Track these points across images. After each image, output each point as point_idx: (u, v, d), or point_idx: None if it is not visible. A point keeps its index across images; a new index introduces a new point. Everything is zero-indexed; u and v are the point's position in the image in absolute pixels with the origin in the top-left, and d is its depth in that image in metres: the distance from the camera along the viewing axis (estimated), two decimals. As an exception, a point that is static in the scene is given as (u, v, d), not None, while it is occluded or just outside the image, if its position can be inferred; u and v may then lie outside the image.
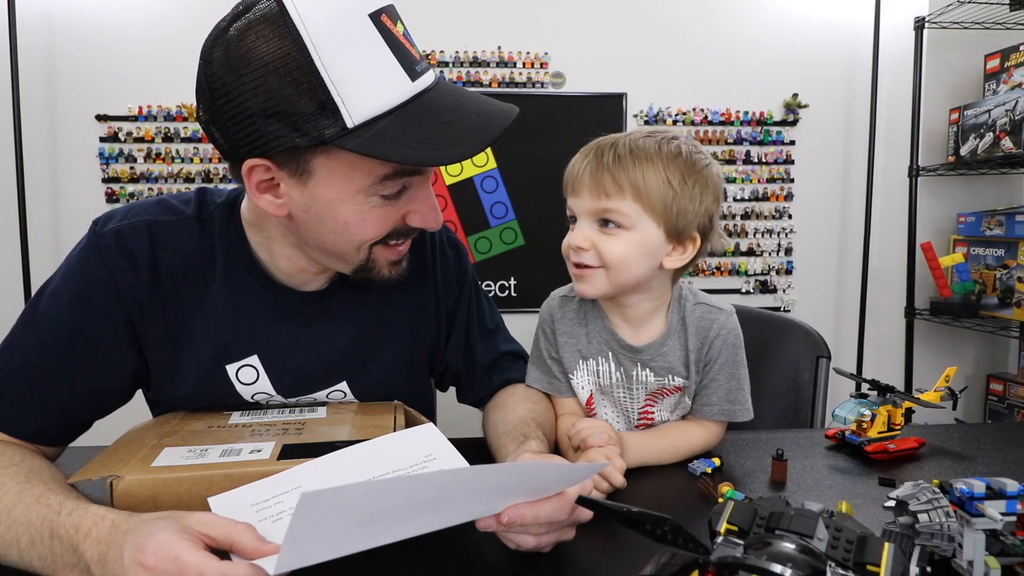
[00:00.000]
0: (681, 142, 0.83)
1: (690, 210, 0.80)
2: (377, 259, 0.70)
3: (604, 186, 0.81)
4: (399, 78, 0.60)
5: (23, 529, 0.53)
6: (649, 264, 0.82)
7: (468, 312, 0.90)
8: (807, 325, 1.35)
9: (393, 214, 0.67)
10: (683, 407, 0.90)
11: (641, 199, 0.79)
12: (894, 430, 0.87)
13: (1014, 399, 2.04)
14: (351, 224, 0.65)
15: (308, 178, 0.62)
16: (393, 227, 0.68)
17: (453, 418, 1.01)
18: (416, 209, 0.68)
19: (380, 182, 0.63)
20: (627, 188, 0.79)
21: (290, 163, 0.62)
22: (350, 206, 0.64)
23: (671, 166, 0.80)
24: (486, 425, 0.87)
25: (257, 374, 0.75)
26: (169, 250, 0.72)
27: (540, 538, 0.55)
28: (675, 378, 0.87)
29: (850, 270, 2.32)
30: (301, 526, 0.41)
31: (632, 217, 0.80)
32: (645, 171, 0.79)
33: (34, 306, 0.70)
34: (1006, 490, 0.51)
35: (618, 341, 0.88)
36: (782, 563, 0.40)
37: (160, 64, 2.00)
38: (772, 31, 2.22)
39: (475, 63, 2.12)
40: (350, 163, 0.61)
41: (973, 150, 1.96)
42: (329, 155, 0.61)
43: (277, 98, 0.57)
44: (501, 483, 0.51)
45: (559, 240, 0.89)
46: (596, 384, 0.90)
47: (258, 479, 0.56)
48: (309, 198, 0.64)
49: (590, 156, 0.85)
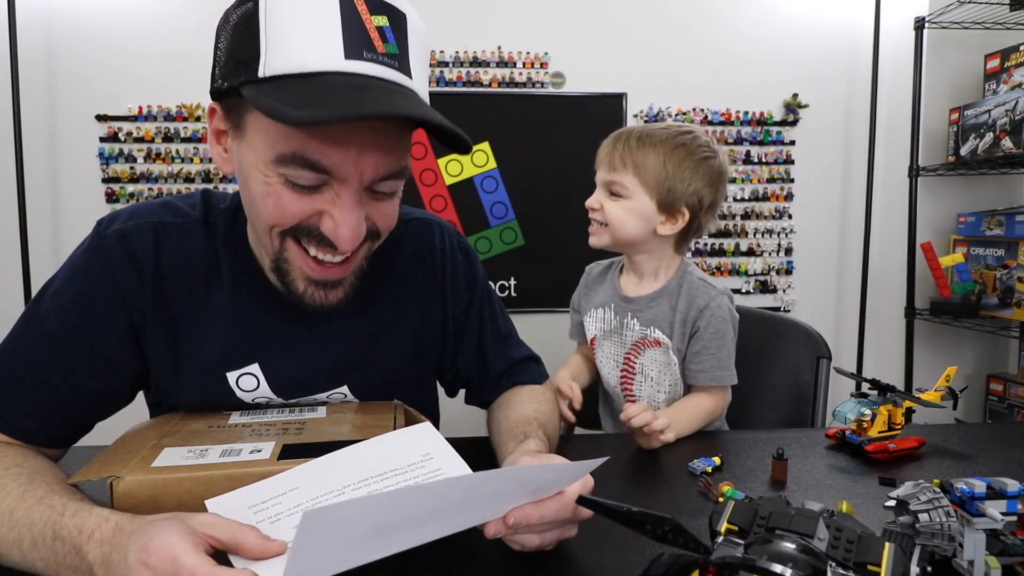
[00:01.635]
0: (692, 137, 1.03)
1: (679, 189, 1.01)
2: (291, 260, 0.66)
3: (614, 163, 1.04)
4: (332, 51, 0.56)
5: (25, 531, 0.53)
6: (643, 228, 1.03)
7: (480, 318, 0.88)
8: (807, 325, 1.35)
9: (302, 206, 0.61)
10: (671, 375, 1.05)
11: (639, 175, 1.02)
12: (894, 430, 0.87)
13: (1014, 399, 2.04)
14: (256, 198, 0.62)
15: (242, 136, 0.62)
16: (303, 219, 0.62)
17: (453, 418, 1.01)
18: (330, 213, 0.62)
19: (280, 162, 0.59)
20: (629, 166, 1.02)
21: (232, 115, 0.62)
22: (259, 176, 0.61)
23: (672, 153, 1.01)
24: (490, 423, 0.87)
25: (257, 382, 0.75)
26: (173, 253, 0.71)
27: (544, 536, 0.55)
28: (656, 331, 1.05)
29: (850, 270, 2.32)
30: (305, 544, 0.41)
31: (630, 188, 1.02)
32: (647, 154, 1.01)
33: (36, 306, 0.69)
34: (1006, 490, 0.51)
35: (619, 294, 1.11)
36: (783, 563, 0.40)
37: (160, 64, 2.00)
38: (772, 31, 2.23)
39: (475, 63, 2.12)
40: (266, 128, 0.59)
41: (973, 150, 1.96)
42: (255, 114, 0.60)
43: (234, 42, 0.59)
44: (500, 488, 0.51)
45: (559, 240, 0.92)
46: (600, 329, 1.13)
47: (259, 479, 0.56)
48: (241, 159, 0.63)
49: (612, 139, 1.06)
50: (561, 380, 1.05)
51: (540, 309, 2.20)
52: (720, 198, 1.06)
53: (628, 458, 0.86)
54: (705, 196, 1.03)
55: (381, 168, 0.62)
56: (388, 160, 0.62)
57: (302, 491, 0.55)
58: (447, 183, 2.16)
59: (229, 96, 0.61)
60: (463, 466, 0.59)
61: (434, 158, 2.15)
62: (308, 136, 0.58)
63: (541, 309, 2.20)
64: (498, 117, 2.13)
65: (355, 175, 0.61)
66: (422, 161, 2.14)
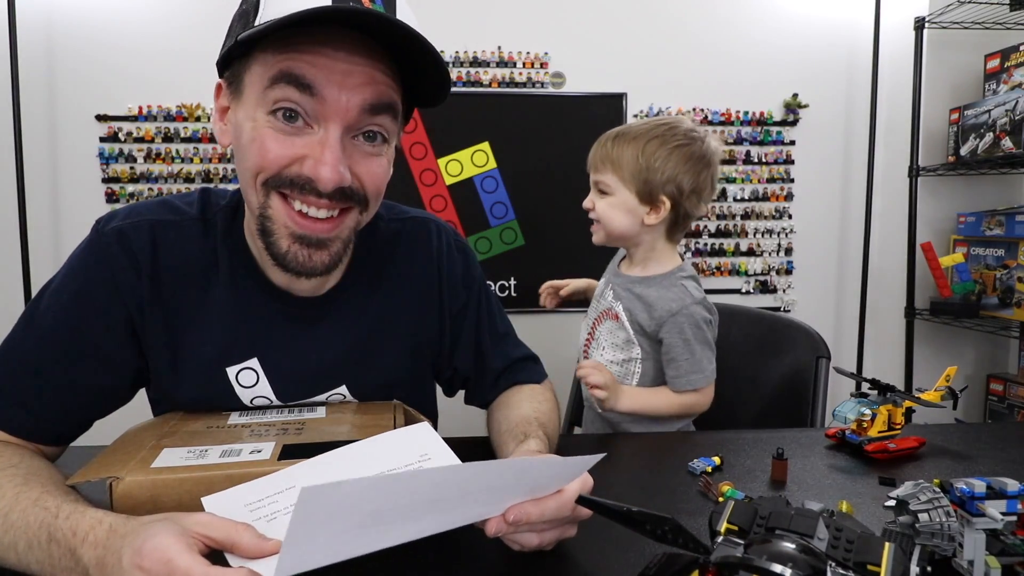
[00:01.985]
0: (668, 127, 1.07)
1: (656, 179, 1.05)
2: (274, 217, 0.65)
3: (596, 163, 1.11)
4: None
5: (20, 533, 0.53)
6: (630, 220, 1.09)
7: (477, 317, 0.88)
8: (807, 325, 1.35)
9: (285, 148, 0.62)
10: (625, 353, 1.11)
11: (618, 171, 1.07)
12: (894, 429, 0.87)
13: (1014, 399, 2.04)
14: (244, 147, 0.63)
15: (240, 96, 0.64)
16: (286, 163, 0.62)
17: (453, 418, 1.01)
18: (311, 153, 0.62)
19: (271, 87, 0.60)
20: (608, 164, 1.08)
21: (233, 82, 0.65)
22: (251, 123, 0.62)
23: (647, 145, 1.06)
24: (489, 423, 0.87)
25: (257, 377, 0.75)
26: (171, 250, 0.71)
27: (543, 536, 0.55)
28: (618, 304, 1.12)
29: (850, 270, 2.32)
30: (301, 524, 0.41)
31: (612, 185, 1.08)
32: (623, 150, 1.07)
33: (36, 304, 0.69)
34: (1006, 490, 0.51)
35: (613, 268, 1.21)
36: (782, 563, 0.40)
37: (160, 64, 2.00)
38: (772, 31, 2.23)
39: (475, 63, 2.12)
40: (259, 73, 0.61)
41: (973, 150, 1.96)
42: (251, 68, 0.62)
43: (235, 18, 0.63)
44: (499, 480, 0.51)
45: (559, 240, 0.92)
46: (593, 301, 1.23)
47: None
48: (237, 119, 0.65)
49: (597, 141, 1.13)
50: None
51: (540, 309, 2.19)
52: (704, 182, 1.08)
53: (628, 458, 0.86)
54: (684, 182, 1.06)
55: (368, 95, 0.62)
56: (375, 89, 0.62)
57: (299, 489, 0.55)
58: (447, 183, 2.16)
59: (230, 64, 0.64)
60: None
61: (434, 158, 2.15)
62: (298, 56, 0.59)
63: (541, 309, 2.19)
64: (498, 117, 2.13)
65: (340, 100, 0.61)
66: (422, 161, 2.14)
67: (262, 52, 0.61)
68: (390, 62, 0.64)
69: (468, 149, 2.15)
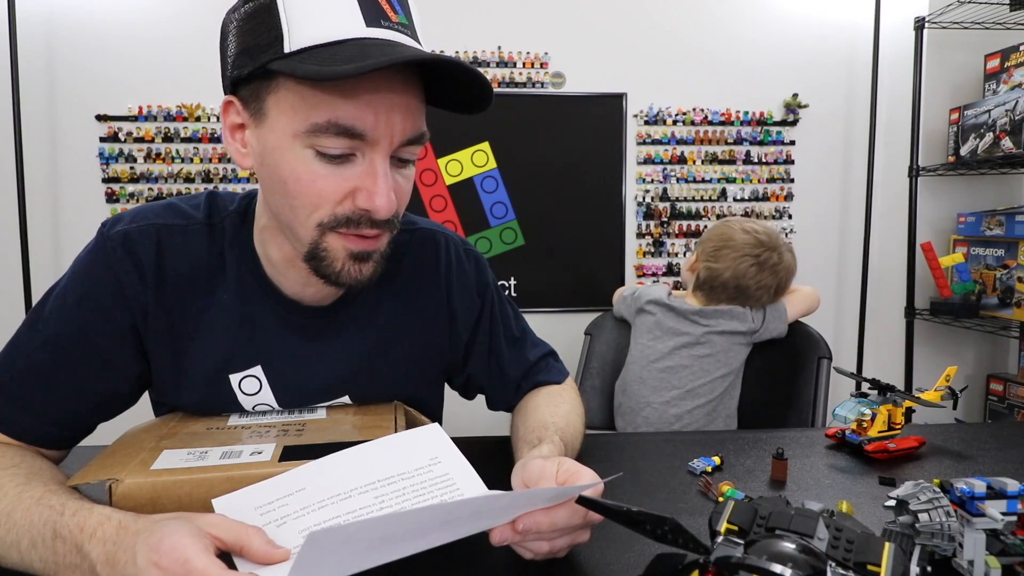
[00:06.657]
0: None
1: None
2: (331, 247, 0.64)
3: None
4: (353, 20, 0.57)
5: (24, 531, 0.53)
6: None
7: (492, 323, 0.87)
8: (807, 325, 1.35)
9: (338, 183, 0.61)
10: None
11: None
12: (894, 429, 0.87)
13: (1014, 399, 2.04)
14: (289, 179, 0.61)
15: (263, 120, 0.62)
16: (340, 200, 0.62)
17: (454, 418, 1.01)
18: (363, 186, 0.61)
19: (314, 132, 0.59)
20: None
21: (252, 102, 0.62)
22: (289, 154, 0.60)
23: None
24: (511, 428, 0.86)
25: (260, 385, 0.75)
26: (176, 255, 0.71)
27: (554, 543, 0.55)
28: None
29: (850, 270, 2.32)
30: (307, 562, 0.42)
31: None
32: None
33: (40, 308, 0.69)
34: (1006, 490, 0.51)
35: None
36: (782, 563, 0.40)
37: (160, 64, 2.00)
38: (772, 31, 2.22)
39: (475, 63, 2.12)
40: (293, 104, 0.59)
41: (973, 150, 1.96)
42: (278, 94, 0.60)
43: (246, 32, 0.60)
44: (510, 505, 0.51)
45: (559, 240, 0.90)
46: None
47: (260, 481, 0.56)
48: (263, 145, 0.62)
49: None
50: None
51: (540, 309, 2.20)
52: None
53: (628, 458, 0.86)
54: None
55: (408, 128, 0.62)
56: (414, 122, 0.63)
57: (308, 492, 0.55)
58: (447, 183, 2.16)
59: (249, 83, 0.61)
60: (470, 470, 0.59)
61: (434, 158, 2.15)
62: (341, 101, 0.58)
63: (541, 309, 2.20)
64: (498, 117, 2.13)
65: (386, 136, 0.60)
66: (422, 161, 2.14)
67: (291, 78, 0.59)
68: (419, 80, 0.64)
69: (468, 149, 2.15)
